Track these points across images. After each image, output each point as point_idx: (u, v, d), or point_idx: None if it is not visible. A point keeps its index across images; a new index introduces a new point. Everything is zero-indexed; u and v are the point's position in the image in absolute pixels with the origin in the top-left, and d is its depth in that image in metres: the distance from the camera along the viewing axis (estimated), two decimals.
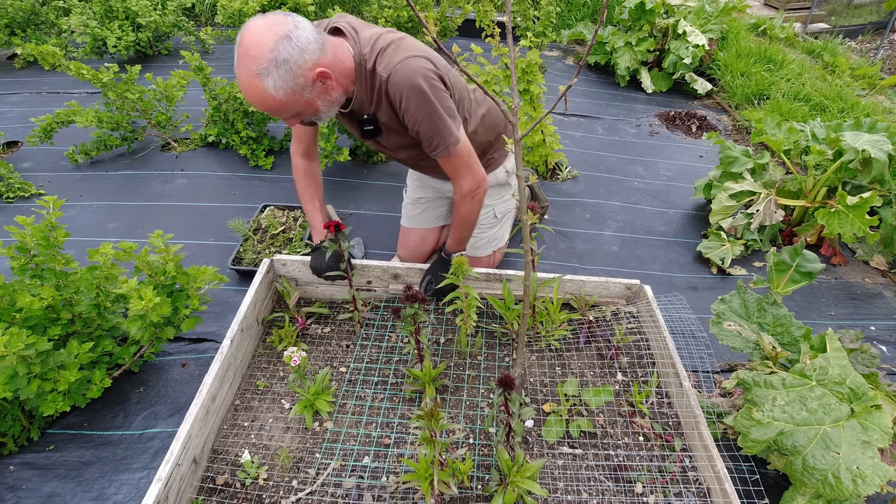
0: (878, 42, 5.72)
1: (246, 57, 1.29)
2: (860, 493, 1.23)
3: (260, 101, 1.36)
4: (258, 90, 1.32)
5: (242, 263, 2.25)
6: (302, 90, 1.37)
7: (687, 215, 2.92)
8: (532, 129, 1.86)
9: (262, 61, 1.28)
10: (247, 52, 1.29)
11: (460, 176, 1.70)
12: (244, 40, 1.30)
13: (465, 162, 1.68)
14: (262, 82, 1.31)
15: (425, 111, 1.51)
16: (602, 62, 4.58)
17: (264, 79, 1.30)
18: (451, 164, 1.67)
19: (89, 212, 2.67)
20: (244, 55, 1.30)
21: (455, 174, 1.70)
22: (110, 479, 1.55)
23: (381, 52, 1.50)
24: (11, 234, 1.55)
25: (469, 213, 1.78)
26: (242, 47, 1.30)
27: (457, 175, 1.70)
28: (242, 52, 1.30)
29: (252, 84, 1.32)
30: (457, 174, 1.70)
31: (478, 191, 1.74)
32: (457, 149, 1.62)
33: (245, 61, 1.30)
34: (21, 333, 1.37)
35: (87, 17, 4.05)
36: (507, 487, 1.31)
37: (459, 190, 1.73)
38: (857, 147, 2.37)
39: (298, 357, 1.46)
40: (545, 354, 1.81)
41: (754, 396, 1.42)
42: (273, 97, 1.34)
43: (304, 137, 1.84)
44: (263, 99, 1.35)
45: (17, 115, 3.55)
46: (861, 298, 2.45)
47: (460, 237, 1.86)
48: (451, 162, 1.66)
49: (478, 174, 1.73)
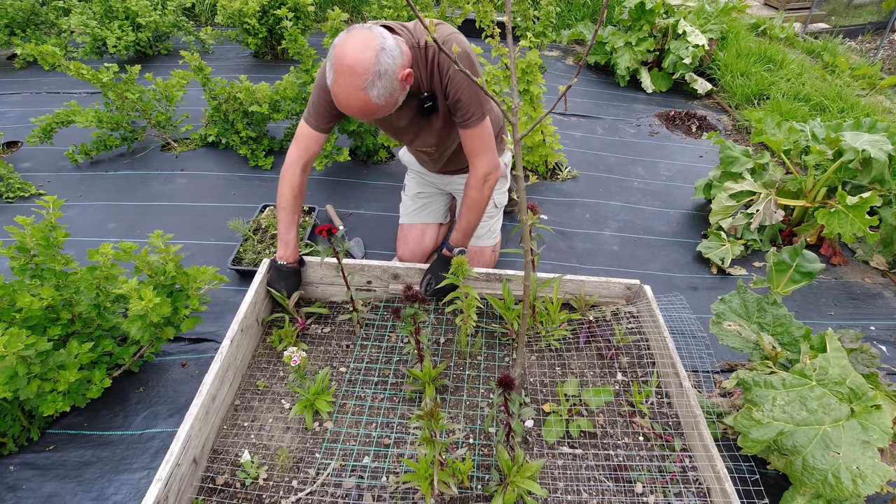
0: (878, 42, 5.72)
1: (351, 74, 1.42)
2: (860, 493, 1.23)
3: (363, 110, 1.50)
4: (362, 101, 1.46)
5: (242, 263, 2.25)
6: (395, 93, 1.52)
7: (687, 215, 2.92)
8: (532, 129, 1.86)
9: (367, 76, 1.42)
10: (352, 70, 1.41)
11: (480, 154, 1.75)
12: (345, 59, 1.42)
13: (488, 139, 1.75)
14: (367, 94, 1.45)
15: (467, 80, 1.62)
16: (602, 62, 4.58)
17: (370, 90, 1.45)
18: (475, 139, 1.74)
19: (89, 212, 2.67)
20: (349, 73, 1.42)
21: (476, 151, 1.76)
22: (110, 479, 1.55)
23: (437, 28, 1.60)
24: (11, 234, 1.55)
25: (480, 199, 1.82)
26: (344, 65, 1.42)
27: (477, 153, 1.76)
28: (346, 70, 1.42)
29: (357, 97, 1.45)
30: (477, 151, 1.76)
31: (492, 175, 1.80)
32: (485, 122, 1.72)
33: (350, 79, 1.43)
34: (21, 333, 1.37)
35: (86, 17, 4.05)
36: (507, 487, 1.31)
37: (475, 172, 1.79)
38: (857, 147, 2.37)
39: (298, 357, 1.46)
40: (545, 354, 1.81)
41: (754, 396, 1.42)
42: (376, 104, 1.49)
43: (312, 148, 1.81)
44: (367, 108, 1.49)
45: (17, 115, 3.56)
46: (861, 298, 2.45)
47: (466, 227, 1.87)
48: (476, 136, 1.73)
49: (495, 158, 1.80)
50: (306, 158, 1.81)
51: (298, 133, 1.81)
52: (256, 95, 2.78)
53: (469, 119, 1.70)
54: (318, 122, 1.76)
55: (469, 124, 1.71)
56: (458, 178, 2.20)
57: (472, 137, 1.74)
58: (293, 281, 1.85)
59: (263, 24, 4.16)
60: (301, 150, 1.80)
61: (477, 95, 1.67)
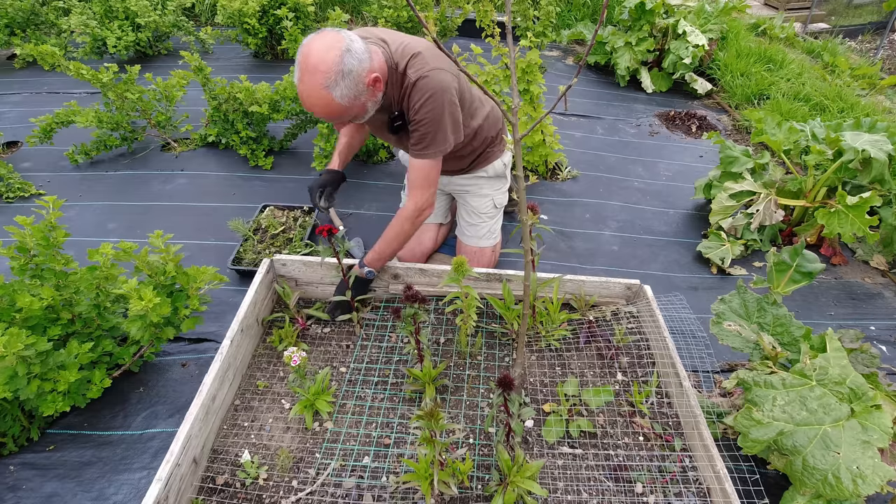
0: (878, 42, 5.72)
1: (314, 73, 1.45)
2: (860, 492, 1.23)
3: (326, 110, 1.53)
4: (326, 100, 1.49)
5: (242, 263, 2.25)
6: (360, 95, 1.55)
7: (687, 215, 2.92)
8: (532, 129, 1.87)
9: (330, 75, 1.45)
10: (315, 69, 1.45)
11: (421, 188, 1.79)
12: (310, 58, 1.45)
13: (428, 177, 1.78)
14: (330, 93, 1.48)
15: (432, 118, 1.66)
16: (602, 62, 4.58)
17: (332, 90, 1.47)
18: (421, 172, 1.77)
19: (89, 212, 2.67)
20: (312, 71, 1.45)
21: (417, 184, 1.79)
22: (110, 479, 1.55)
23: (413, 57, 1.66)
24: (11, 234, 1.55)
25: (407, 231, 1.84)
26: (309, 64, 1.45)
27: (418, 185, 1.79)
28: (309, 68, 1.45)
29: (320, 95, 1.48)
30: (419, 185, 1.79)
31: (421, 215, 1.83)
32: (435, 161, 1.75)
33: (313, 77, 1.46)
34: (21, 334, 1.37)
35: (86, 17, 4.05)
36: (507, 487, 1.31)
37: (412, 203, 1.81)
38: (857, 147, 2.37)
39: (298, 357, 1.46)
40: (545, 354, 1.81)
41: (754, 396, 1.42)
42: (339, 105, 1.52)
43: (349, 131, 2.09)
44: (330, 108, 1.52)
45: (16, 115, 3.55)
46: (861, 298, 2.45)
47: (382, 253, 1.85)
48: (423, 169, 1.77)
49: (430, 198, 1.83)
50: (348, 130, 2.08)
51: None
52: (256, 95, 2.78)
53: (421, 150, 1.74)
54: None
55: (420, 155, 1.75)
56: (458, 178, 2.21)
57: (418, 170, 1.78)
58: (328, 178, 1.99)
59: (263, 24, 4.16)
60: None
61: (434, 136, 1.70)
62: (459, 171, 2.18)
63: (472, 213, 2.23)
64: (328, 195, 2.00)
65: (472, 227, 2.24)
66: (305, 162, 3.10)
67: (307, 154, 3.18)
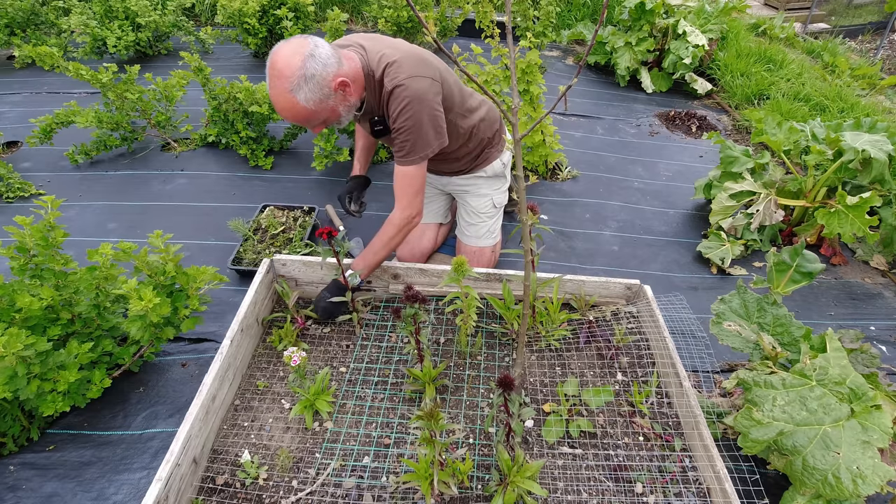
0: (878, 42, 5.72)
1: (280, 77, 1.49)
2: (860, 493, 1.23)
3: (293, 113, 1.56)
4: (291, 103, 1.52)
5: (242, 263, 2.25)
6: (327, 99, 1.57)
7: (687, 215, 2.92)
8: (532, 129, 1.87)
9: (293, 79, 1.48)
10: (280, 73, 1.49)
11: (404, 196, 1.79)
12: (276, 64, 1.49)
13: (412, 184, 1.78)
14: (294, 96, 1.51)
15: (411, 126, 1.68)
16: (602, 62, 4.58)
17: (297, 93, 1.50)
18: (406, 179, 1.77)
19: (89, 212, 2.67)
20: (278, 76, 1.49)
21: (401, 192, 1.79)
22: (110, 479, 1.55)
23: (389, 66, 1.66)
24: (11, 235, 1.55)
25: (390, 242, 1.82)
26: (275, 70, 1.49)
27: (402, 194, 1.79)
28: (276, 73, 1.49)
29: (286, 99, 1.52)
30: (402, 193, 1.79)
31: (410, 223, 1.83)
32: (419, 167, 1.75)
33: (279, 81, 1.50)
34: (20, 334, 1.37)
35: (86, 17, 4.05)
36: (507, 487, 1.31)
37: (400, 212, 1.81)
38: (857, 147, 2.37)
39: (298, 357, 1.46)
40: (545, 354, 1.81)
41: (754, 396, 1.42)
42: (305, 108, 1.54)
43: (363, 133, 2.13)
44: (296, 111, 1.55)
45: (16, 115, 3.55)
46: (861, 298, 2.45)
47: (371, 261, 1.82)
48: (407, 176, 1.76)
49: (418, 206, 1.82)
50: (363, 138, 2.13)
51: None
52: (256, 95, 2.78)
53: (403, 157, 1.74)
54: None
55: (403, 162, 1.75)
56: (457, 178, 2.21)
57: (402, 177, 1.77)
58: (354, 184, 2.09)
59: (263, 24, 4.16)
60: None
61: (419, 140, 1.70)
62: (458, 172, 2.18)
63: (471, 213, 2.23)
64: (356, 199, 2.08)
65: (471, 227, 2.24)
66: (305, 162, 3.10)
67: (307, 154, 3.18)
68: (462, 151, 2.04)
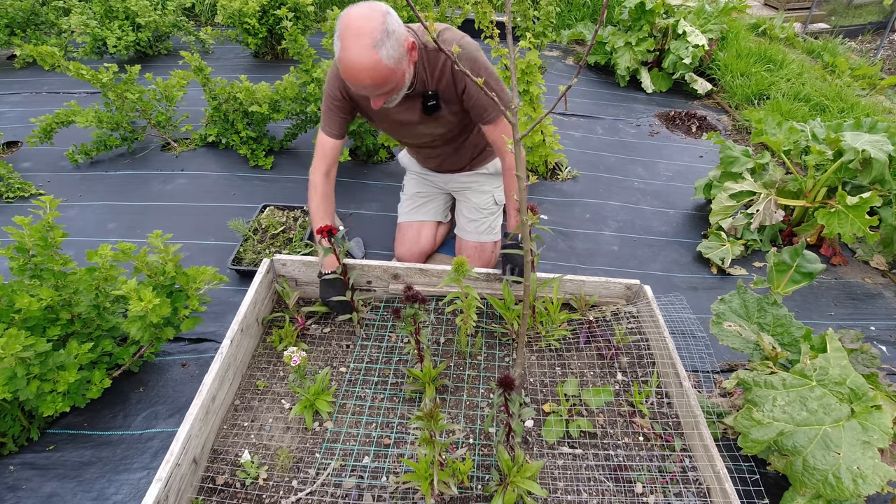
0: (878, 42, 5.72)
1: (360, 35, 1.44)
2: (860, 493, 1.23)
3: (374, 73, 1.48)
4: (374, 61, 1.46)
5: (242, 263, 2.25)
6: (402, 60, 1.53)
7: (687, 215, 2.92)
8: (532, 130, 1.87)
9: (377, 34, 1.44)
10: (360, 31, 1.44)
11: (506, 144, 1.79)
12: (352, 24, 1.45)
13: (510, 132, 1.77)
14: (377, 52, 1.45)
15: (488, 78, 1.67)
16: (602, 62, 4.58)
17: (379, 49, 1.45)
18: (497, 132, 1.80)
19: (89, 212, 2.67)
20: (357, 34, 1.44)
21: (502, 143, 1.81)
22: (110, 479, 1.55)
23: (439, 34, 1.66)
24: (10, 235, 1.55)
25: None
26: (352, 29, 1.44)
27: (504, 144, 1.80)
28: (354, 32, 1.44)
29: (369, 57, 1.45)
30: (503, 142, 1.80)
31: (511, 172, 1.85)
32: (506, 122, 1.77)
33: (359, 39, 1.44)
34: (20, 335, 1.36)
35: (87, 17, 4.05)
36: (507, 487, 1.31)
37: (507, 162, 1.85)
38: (857, 147, 2.37)
39: (298, 357, 1.46)
40: (545, 354, 1.81)
41: (754, 396, 1.42)
42: (386, 66, 1.48)
43: (329, 154, 1.88)
44: (378, 70, 1.48)
45: (17, 115, 3.55)
46: (861, 298, 2.44)
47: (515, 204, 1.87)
48: (498, 131, 1.80)
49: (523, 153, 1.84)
50: (326, 165, 1.88)
51: (317, 143, 1.89)
52: (256, 95, 2.78)
53: (487, 116, 1.77)
54: (331, 128, 1.85)
55: (488, 120, 1.79)
56: (459, 175, 2.22)
57: (494, 131, 1.81)
58: (341, 287, 1.84)
59: (263, 24, 4.16)
60: (319, 157, 1.89)
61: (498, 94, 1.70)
62: (460, 169, 2.19)
63: (472, 210, 2.24)
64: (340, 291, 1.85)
65: (472, 223, 2.25)
66: (305, 162, 3.10)
67: (307, 154, 3.18)
68: (469, 142, 2.06)
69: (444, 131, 1.93)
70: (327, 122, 1.85)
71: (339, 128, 1.85)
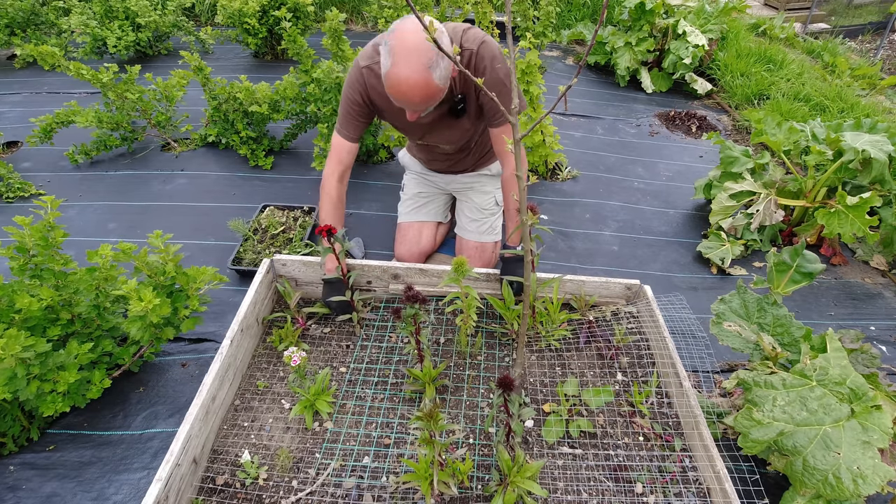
0: (878, 42, 5.72)
1: (416, 53, 1.42)
2: (861, 493, 1.23)
3: (425, 93, 1.49)
4: (426, 81, 1.46)
5: (242, 263, 2.25)
6: (448, 79, 1.54)
7: (687, 215, 2.92)
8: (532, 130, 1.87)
9: (432, 55, 1.43)
10: (417, 49, 1.42)
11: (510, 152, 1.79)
12: (408, 40, 1.42)
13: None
14: (431, 74, 1.45)
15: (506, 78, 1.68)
16: (602, 62, 4.58)
17: (433, 71, 1.45)
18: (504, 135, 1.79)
19: (89, 212, 2.67)
20: (413, 52, 1.42)
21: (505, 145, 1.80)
22: (110, 479, 1.55)
23: (463, 32, 1.67)
24: (10, 235, 1.55)
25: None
26: (408, 46, 1.42)
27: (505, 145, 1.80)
28: (410, 49, 1.42)
29: (422, 77, 1.45)
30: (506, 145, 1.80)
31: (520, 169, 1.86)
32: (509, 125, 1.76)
33: (415, 57, 1.42)
34: (20, 335, 1.36)
35: (87, 17, 4.05)
36: (507, 488, 1.31)
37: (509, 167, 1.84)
38: (857, 147, 2.37)
39: (298, 357, 1.46)
40: (545, 354, 1.81)
41: (754, 396, 1.42)
42: (437, 86, 1.49)
43: (346, 158, 1.86)
44: (429, 90, 1.48)
45: (17, 115, 3.55)
46: (861, 298, 2.44)
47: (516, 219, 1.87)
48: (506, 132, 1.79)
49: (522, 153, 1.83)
50: (341, 169, 1.87)
51: (332, 145, 1.87)
52: (256, 95, 2.78)
53: (498, 119, 1.77)
54: (349, 131, 1.83)
55: (498, 123, 1.78)
56: (462, 176, 2.23)
57: (501, 135, 1.80)
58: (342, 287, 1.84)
59: (263, 25, 4.16)
60: (335, 161, 1.87)
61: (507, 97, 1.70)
62: (463, 170, 2.21)
63: (474, 210, 2.24)
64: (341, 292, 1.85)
65: (474, 223, 2.25)
66: (305, 162, 3.11)
67: (307, 154, 3.18)
68: (473, 141, 2.07)
69: (464, 132, 1.94)
70: (346, 125, 1.82)
71: (358, 131, 1.84)
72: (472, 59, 1.65)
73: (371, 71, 1.72)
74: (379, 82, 1.70)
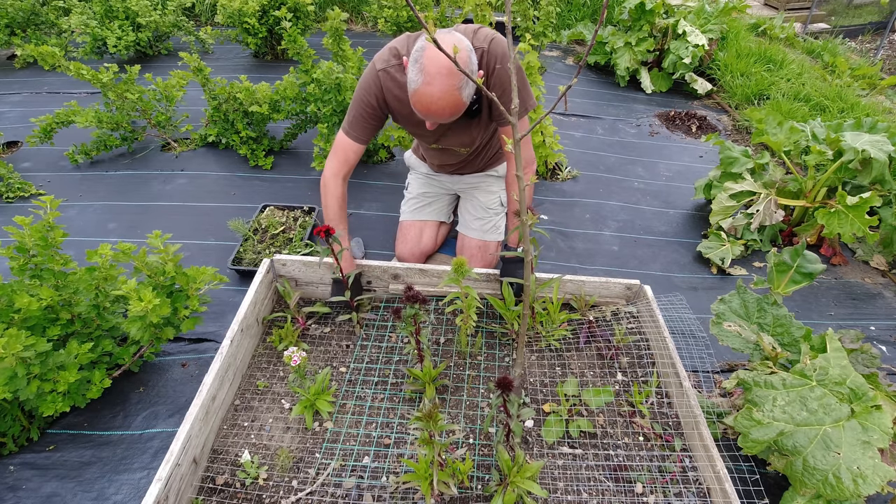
0: (878, 42, 5.72)
1: (450, 74, 1.44)
2: (861, 493, 1.23)
3: (452, 110, 1.52)
4: (455, 100, 1.49)
5: (242, 263, 2.25)
6: (473, 93, 1.56)
7: (687, 215, 2.92)
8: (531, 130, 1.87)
9: (461, 76, 1.45)
10: (450, 70, 1.43)
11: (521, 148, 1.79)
12: (440, 61, 1.42)
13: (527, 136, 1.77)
14: (461, 94, 1.48)
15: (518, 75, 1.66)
16: (602, 62, 4.58)
17: (462, 91, 1.48)
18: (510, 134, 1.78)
19: (89, 212, 2.67)
20: (446, 73, 1.43)
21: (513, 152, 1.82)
22: (110, 479, 1.55)
23: (474, 32, 1.68)
24: (10, 235, 1.55)
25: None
26: (440, 65, 1.42)
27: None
28: (443, 70, 1.43)
29: (453, 97, 1.48)
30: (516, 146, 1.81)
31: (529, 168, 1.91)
32: (524, 120, 1.82)
33: (448, 79, 1.44)
34: (20, 335, 1.36)
35: (87, 17, 4.05)
36: (507, 488, 1.31)
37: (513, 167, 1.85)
38: (857, 147, 2.37)
39: (298, 357, 1.46)
40: (545, 354, 1.81)
41: (754, 396, 1.42)
42: (463, 104, 1.52)
43: (351, 159, 1.85)
44: (456, 108, 1.52)
45: (17, 115, 3.56)
46: (861, 298, 2.44)
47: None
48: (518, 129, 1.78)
49: (531, 152, 1.89)
50: (346, 169, 1.86)
51: (337, 145, 1.85)
52: (256, 95, 2.78)
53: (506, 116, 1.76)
54: (360, 133, 1.81)
55: (505, 122, 1.79)
56: (469, 177, 2.25)
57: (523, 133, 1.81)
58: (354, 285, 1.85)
59: (263, 24, 4.16)
60: (341, 161, 1.85)
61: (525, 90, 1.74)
62: (472, 171, 2.22)
63: (479, 208, 2.25)
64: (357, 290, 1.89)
65: (478, 221, 2.25)
66: (305, 162, 3.11)
67: (307, 154, 3.18)
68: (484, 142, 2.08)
69: (477, 134, 1.94)
70: (356, 126, 1.80)
71: (368, 134, 1.82)
72: (483, 56, 1.66)
73: (388, 74, 1.72)
74: (395, 85, 1.71)
